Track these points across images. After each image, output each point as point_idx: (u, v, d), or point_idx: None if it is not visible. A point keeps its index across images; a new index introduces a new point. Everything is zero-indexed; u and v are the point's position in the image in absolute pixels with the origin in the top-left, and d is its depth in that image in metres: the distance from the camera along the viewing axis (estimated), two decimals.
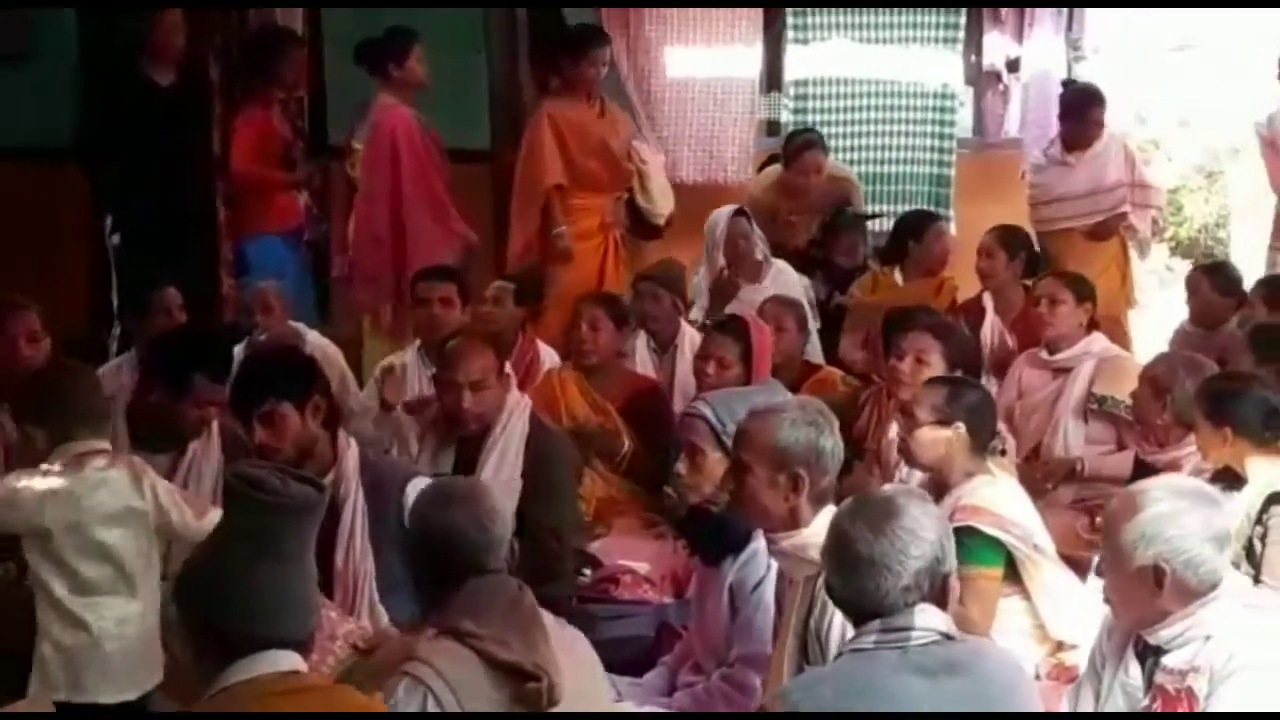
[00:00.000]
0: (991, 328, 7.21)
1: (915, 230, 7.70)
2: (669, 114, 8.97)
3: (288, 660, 2.77)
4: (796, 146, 8.32)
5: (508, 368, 5.53)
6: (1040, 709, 3.14)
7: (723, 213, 7.75)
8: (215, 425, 4.89)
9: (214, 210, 7.73)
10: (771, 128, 9.10)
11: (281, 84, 8.01)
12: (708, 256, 7.76)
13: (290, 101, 8.16)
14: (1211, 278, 7.21)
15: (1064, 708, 3.90)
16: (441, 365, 5.39)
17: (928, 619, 2.96)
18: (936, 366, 5.52)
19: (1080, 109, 8.39)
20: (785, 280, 7.66)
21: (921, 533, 3.10)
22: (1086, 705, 3.71)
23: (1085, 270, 7.14)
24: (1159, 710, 3.47)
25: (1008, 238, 7.39)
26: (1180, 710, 3.41)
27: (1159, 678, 3.49)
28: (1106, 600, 3.62)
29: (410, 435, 5.60)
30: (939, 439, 4.73)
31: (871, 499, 3.20)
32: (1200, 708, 3.38)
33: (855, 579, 3.04)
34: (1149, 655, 3.54)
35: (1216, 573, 3.46)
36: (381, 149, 7.66)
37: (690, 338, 6.83)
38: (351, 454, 4.60)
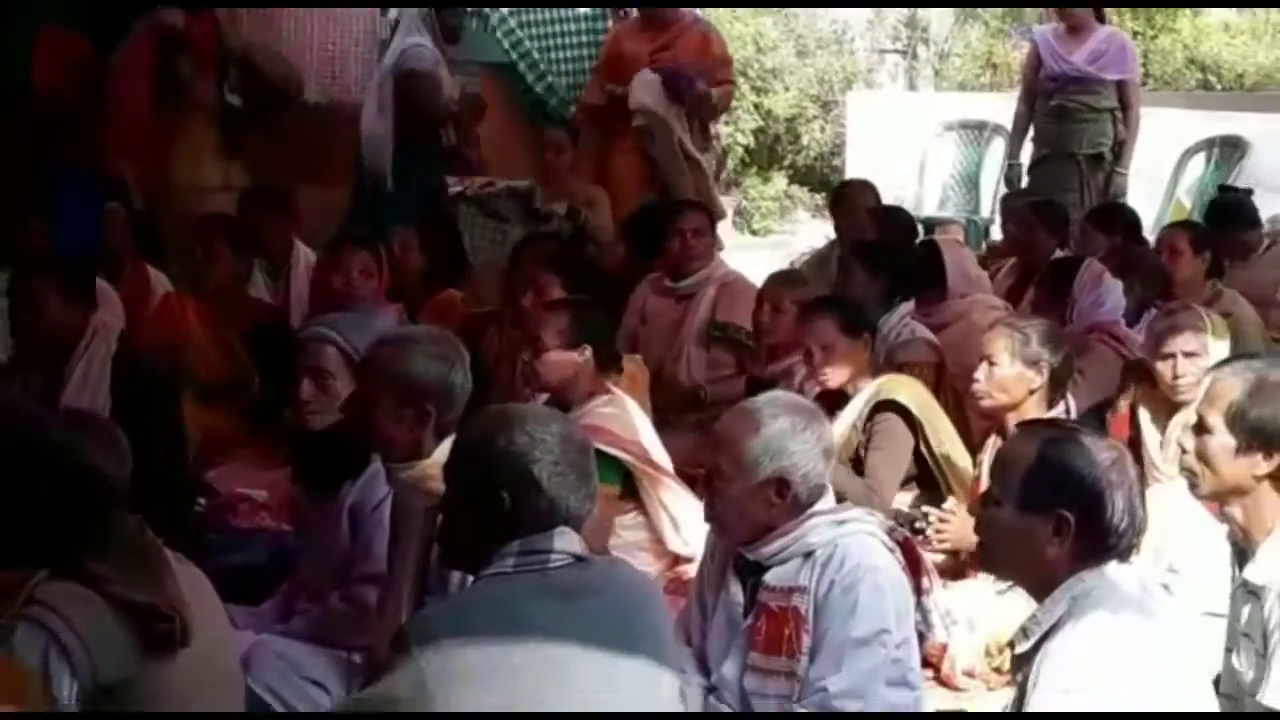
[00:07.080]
0: None
1: None
2: (290, 30, 8.69)
3: None
4: None
5: (109, 291, 5.34)
6: (670, 622, 3.17)
7: None
8: None
9: None
10: None
11: None
12: None
13: None
14: None
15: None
16: None
17: (566, 542, 2.91)
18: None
19: None
20: None
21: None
22: (696, 629, 3.76)
23: None
24: (763, 627, 3.53)
25: None
26: (786, 629, 3.48)
27: (762, 595, 3.56)
28: (710, 519, 3.67)
29: None
30: (566, 361, 4.78)
31: (514, 411, 3.04)
32: (808, 626, 3.46)
33: (543, 493, 2.89)
34: (749, 574, 3.61)
35: (824, 487, 3.57)
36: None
37: (305, 256, 6.76)
38: None
